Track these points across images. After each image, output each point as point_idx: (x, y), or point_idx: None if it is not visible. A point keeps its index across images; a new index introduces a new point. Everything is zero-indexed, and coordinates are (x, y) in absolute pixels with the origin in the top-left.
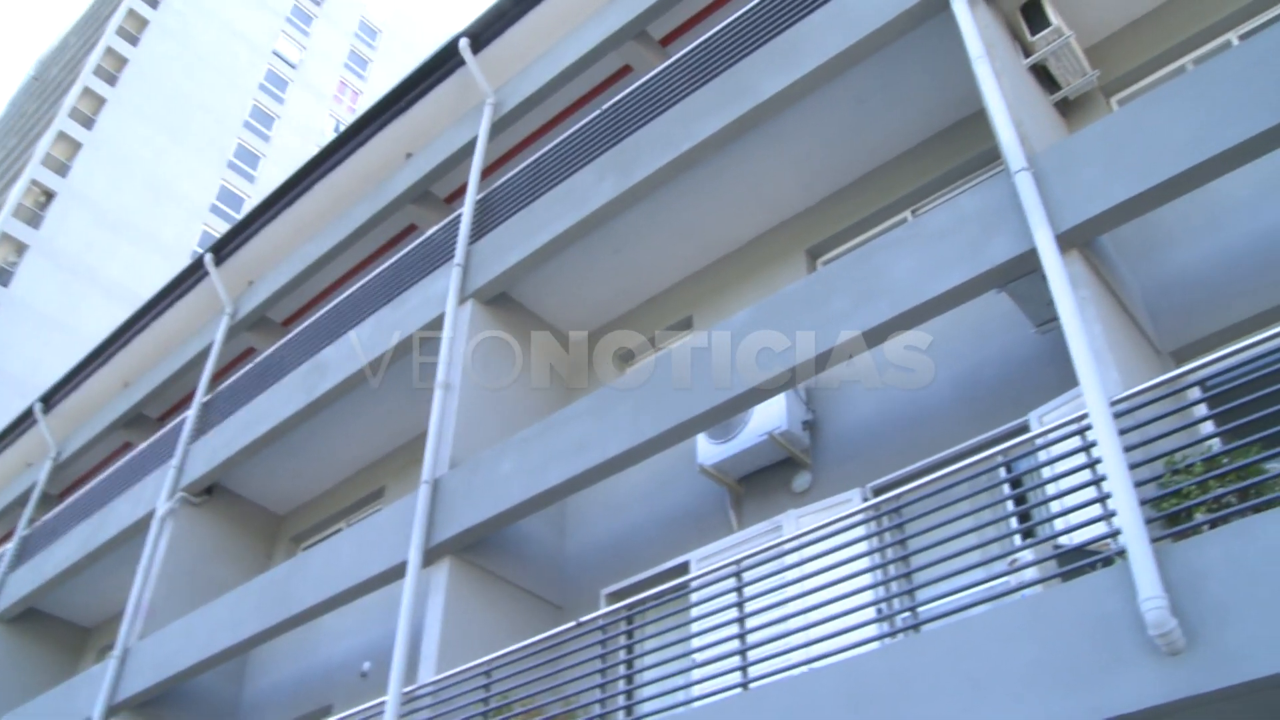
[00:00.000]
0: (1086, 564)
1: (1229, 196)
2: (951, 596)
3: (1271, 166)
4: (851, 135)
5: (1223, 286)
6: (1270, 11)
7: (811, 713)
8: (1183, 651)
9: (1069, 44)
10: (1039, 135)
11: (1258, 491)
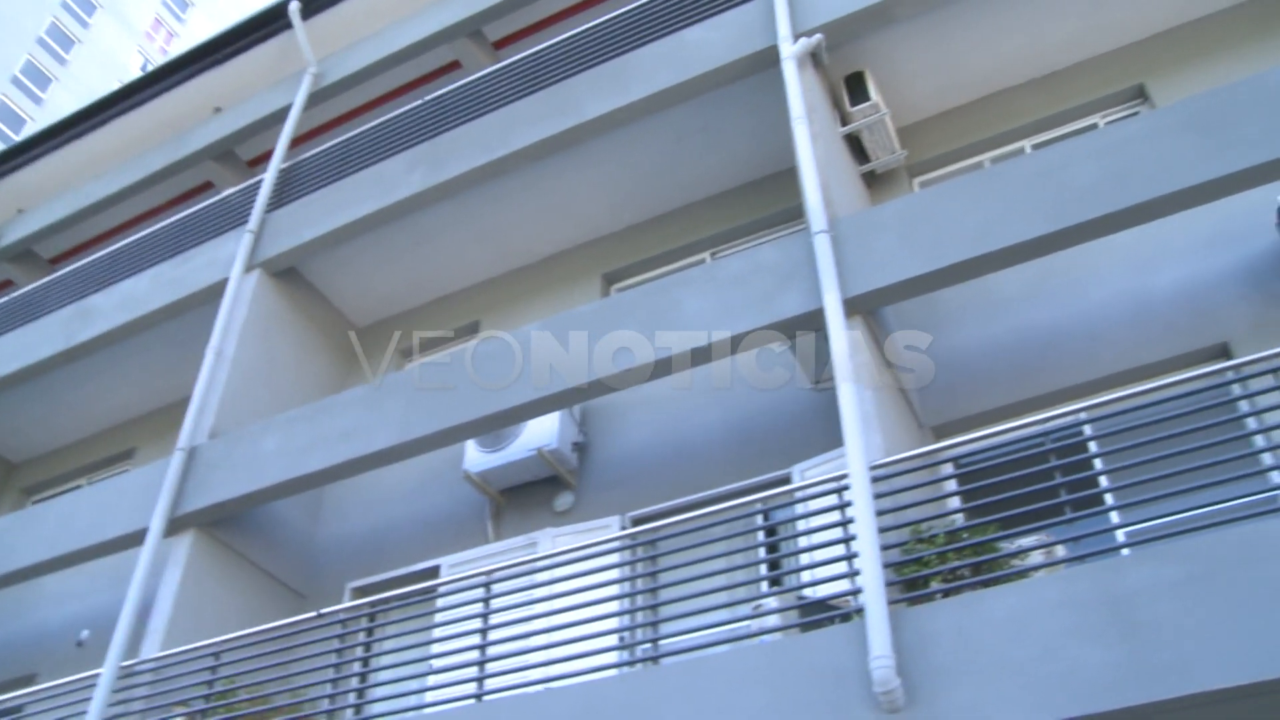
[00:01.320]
0: (826, 617)
1: (1001, 291)
2: (694, 633)
3: (1039, 269)
4: (665, 170)
5: (985, 373)
6: (1062, 128)
7: None
8: (900, 711)
9: (884, 121)
10: (843, 202)
11: (989, 568)
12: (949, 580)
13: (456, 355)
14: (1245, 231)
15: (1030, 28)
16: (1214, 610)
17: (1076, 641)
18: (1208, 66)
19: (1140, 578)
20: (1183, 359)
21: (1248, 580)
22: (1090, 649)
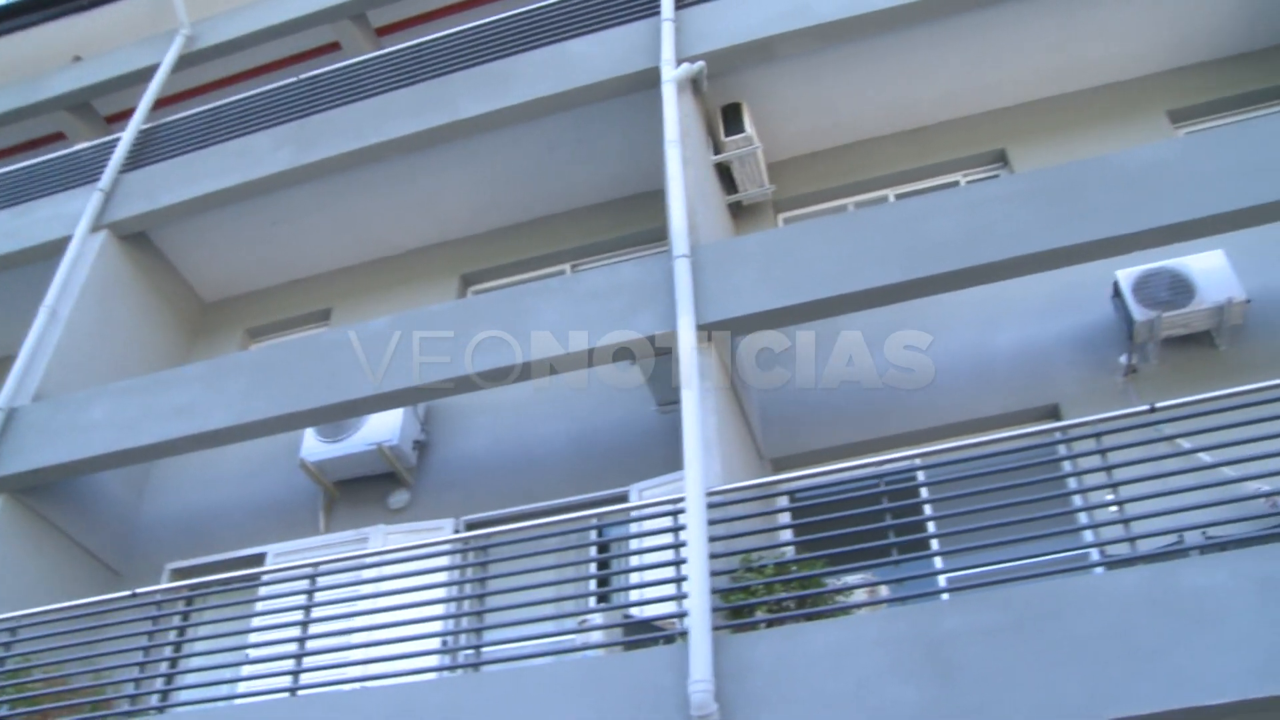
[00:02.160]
0: (650, 638)
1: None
2: (518, 643)
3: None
4: (535, 177)
5: (828, 412)
6: (925, 181)
7: None
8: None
9: (756, 154)
10: (707, 229)
11: (814, 602)
12: (774, 611)
13: (305, 341)
14: (1083, 301)
15: (903, 83)
16: (1022, 658)
17: (891, 679)
18: (1065, 141)
19: (957, 622)
20: (1015, 416)
21: (1055, 632)
22: (903, 687)
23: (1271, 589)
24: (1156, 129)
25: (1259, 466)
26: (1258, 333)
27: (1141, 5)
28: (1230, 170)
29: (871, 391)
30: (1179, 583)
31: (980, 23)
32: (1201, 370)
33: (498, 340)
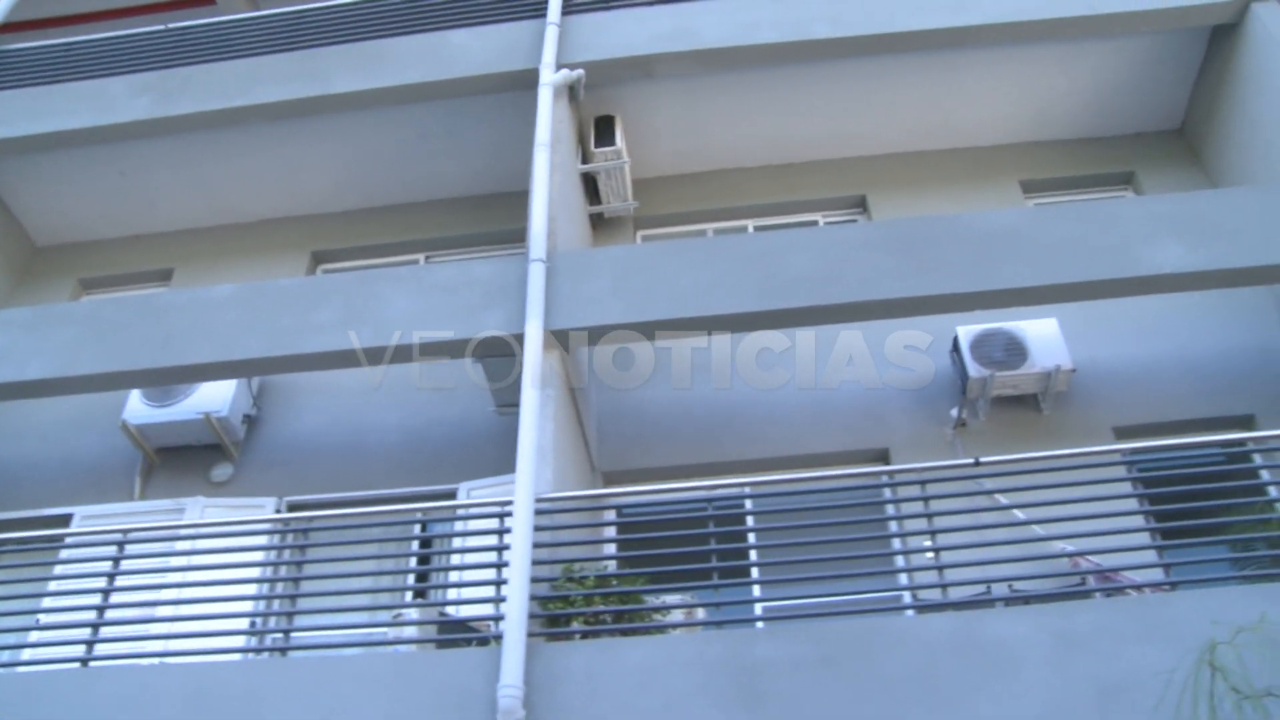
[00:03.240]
0: (464, 638)
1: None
2: (329, 631)
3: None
4: (399, 163)
5: (666, 432)
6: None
7: (144, 706)
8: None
9: (623, 169)
10: (566, 236)
11: (631, 618)
12: (591, 623)
13: (142, 299)
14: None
15: (776, 118)
16: (830, 692)
17: (699, 702)
18: (923, 195)
19: (769, 651)
20: (846, 456)
21: (863, 669)
22: (711, 710)
23: (1066, 643)
24: (1009, 196)
25: (1066, 528)
26: (1078, 401)
27: (1006, 78)
28: (1071, 245)
29: (707, 416)
30: (984, 631)
31: (856, 71)
32: (1024, 431)
33: (342, 322)
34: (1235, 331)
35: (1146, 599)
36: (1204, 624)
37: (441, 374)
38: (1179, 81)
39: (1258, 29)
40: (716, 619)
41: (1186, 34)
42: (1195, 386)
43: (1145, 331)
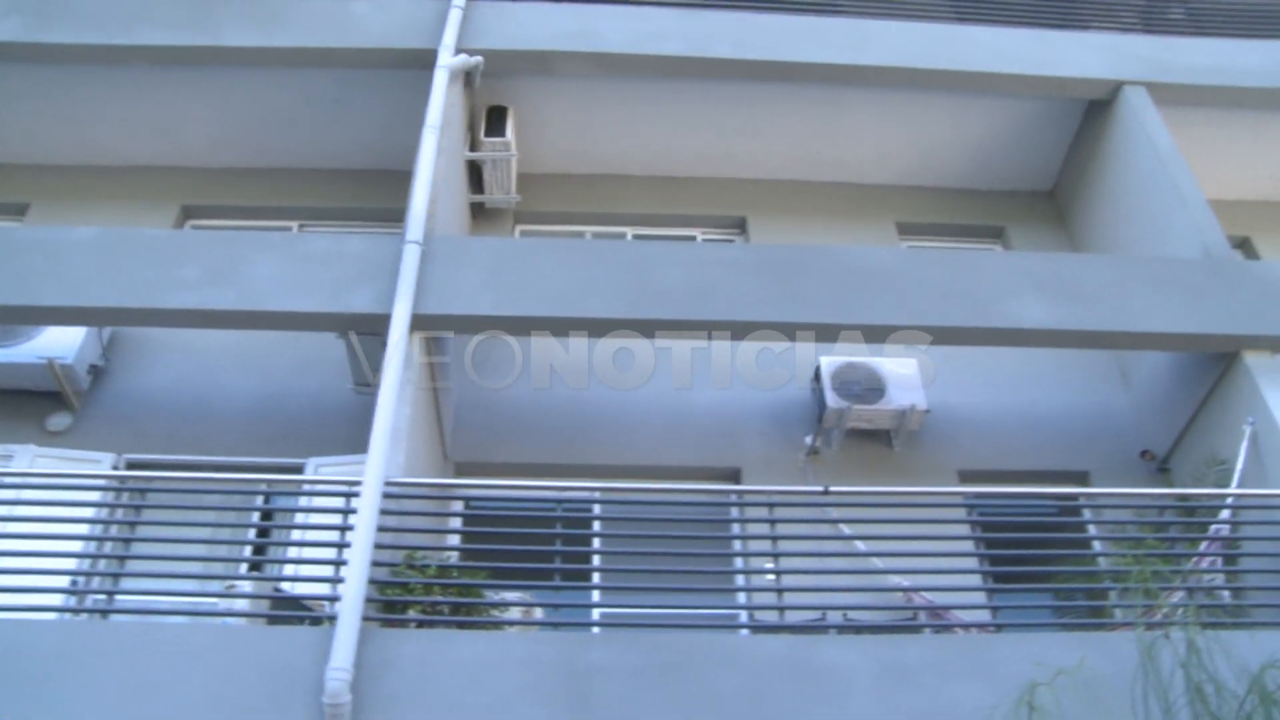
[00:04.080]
0: (297, 616)
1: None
2: (157, 596)
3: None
4: (283, 126)
5: (524, 429)
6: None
7: None
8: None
9: (510, 161)
10: (444, 221)
11: (469, 611)
12: (428, 612)
13: None
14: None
15: (667, 131)
16: (659, 703)
17: (528, 701)
18: (803, 224)
19: (603, 657)
20: (699, 471)
21: (695, 684)
22: (539, 710)
23: (893, 674)
24: (885, 235)
25: (904, 563)
26: (928, 442)
27: (895, 121)
28: (939, 290)
29: (566, 417)
30: (815, 657)
31: (751, 94)
32: (874, 465)
33: (206, 280)
34: (1080, 391)
35: (973, 638)
36: (1026, 665)
37: (300, 345)
38: (1055, 147)
39: (1127, 110)
40: (554, 620)
41: (1065, 104)
42: (1038, 439)
43: (998, 382)
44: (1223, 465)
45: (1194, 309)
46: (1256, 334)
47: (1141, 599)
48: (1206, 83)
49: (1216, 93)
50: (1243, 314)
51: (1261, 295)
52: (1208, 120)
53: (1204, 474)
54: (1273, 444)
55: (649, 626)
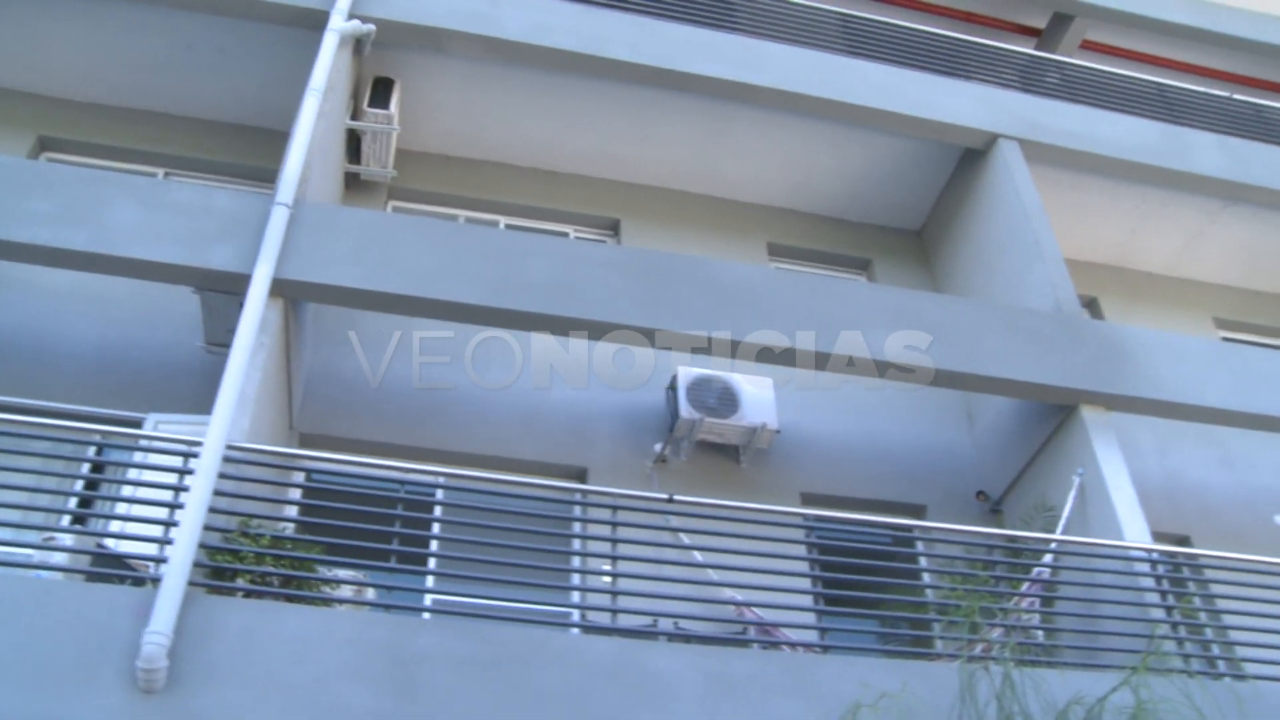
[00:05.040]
0: (118, 574)
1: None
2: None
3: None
4: (159, 68)
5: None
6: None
7: None
8: (155, 693)
9: (391, 135)
10: (316, 187)
11: (299, 585)
12: (257, 583)
13: None
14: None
15: (552, 125)
16: (485, 694)
17: (350, 682)
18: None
19: (432, 643)
20: (547, 467)
21: (522, 678)
22: (360, 692)
23: (718, 684)
24: (755, 254)
25: (739, 577)
26: (775, 461)
27: (777, 143)
28: (803, 312)
29: (418, 399)
30: (644, 662)
31: (639, 99)
32: (720, 479)
33: (60, 216)
34: (927, 427)
35: (800, 656)
36: (850, 687)
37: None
38: (927, 188)
39: (999, 161)
40: (386, 602)
41: (942, 148)
42: (881, 470)
43: (849, 410)
44: (1051, 512)
45: (1041, 360)
46: (1095, 390)
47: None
48: (1073, 146)
49: (1080, 157)
50: (1084, 370)
51: (1103, 354)
52: (1070, 182)
53: (1033, 518)
54: (1098, 496)
55: (481, 617)
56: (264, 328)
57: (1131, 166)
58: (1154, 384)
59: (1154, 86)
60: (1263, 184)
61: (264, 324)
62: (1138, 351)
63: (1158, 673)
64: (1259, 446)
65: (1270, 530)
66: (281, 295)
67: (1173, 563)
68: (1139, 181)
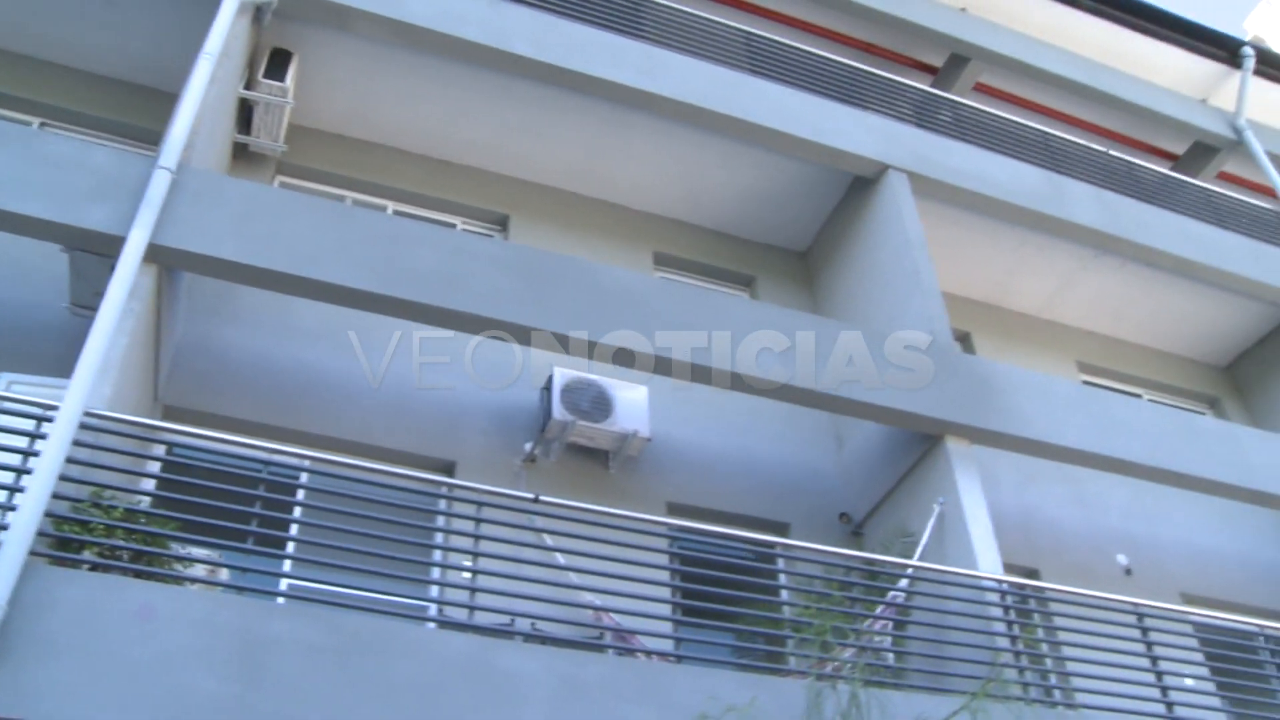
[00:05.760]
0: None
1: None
2: None
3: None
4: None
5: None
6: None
7: None
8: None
9: (284, 109)
10: (203, 154)
11: (149, 561)
12: (105, 556)
13: None
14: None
15: (448, 115)
16: (334, 683)
17: (195, 664)
18: (564, 234)
19: (284, 629)
20: (415, 458)
21: (373, 669)
22: (205, 676)
23: (570, 687)
24: (640, 262)
25: (600, 582)
26: (645, 469)
27: (670, 153)
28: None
29: (288, 379)
30: (497, 660)
31: (539, 97)
32: (588, 483)
33: None
34: (796, 446)
35: (653, 664)
36: (699, 698)
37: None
38: (816, 211)
39: (888, 192)
40: (239, 584)
41: (833, 174)
42: (748, 485)
43: (721, 423)
44: (909, 538)
45: (911, 389)
46: (961, 423)
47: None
48: (959, 184)
49: (966, 195)
50: (952, 402)
51: (971, 388)
52: (954, 219)
53: (892, 543)
54: (956, 526)
55: (336, 605)
56: (135, 294)
57: (1013, 209)
58: (1018, 421)
59: (1039, 134)
60: (1131, 238)
61: (135, 290)
62: (1005, 388)
63: (997, 699)
64: (1110, 488)
65: (1114, 569)
66: (156, 261)
67: (1021, 594)
68: (1019, 224)
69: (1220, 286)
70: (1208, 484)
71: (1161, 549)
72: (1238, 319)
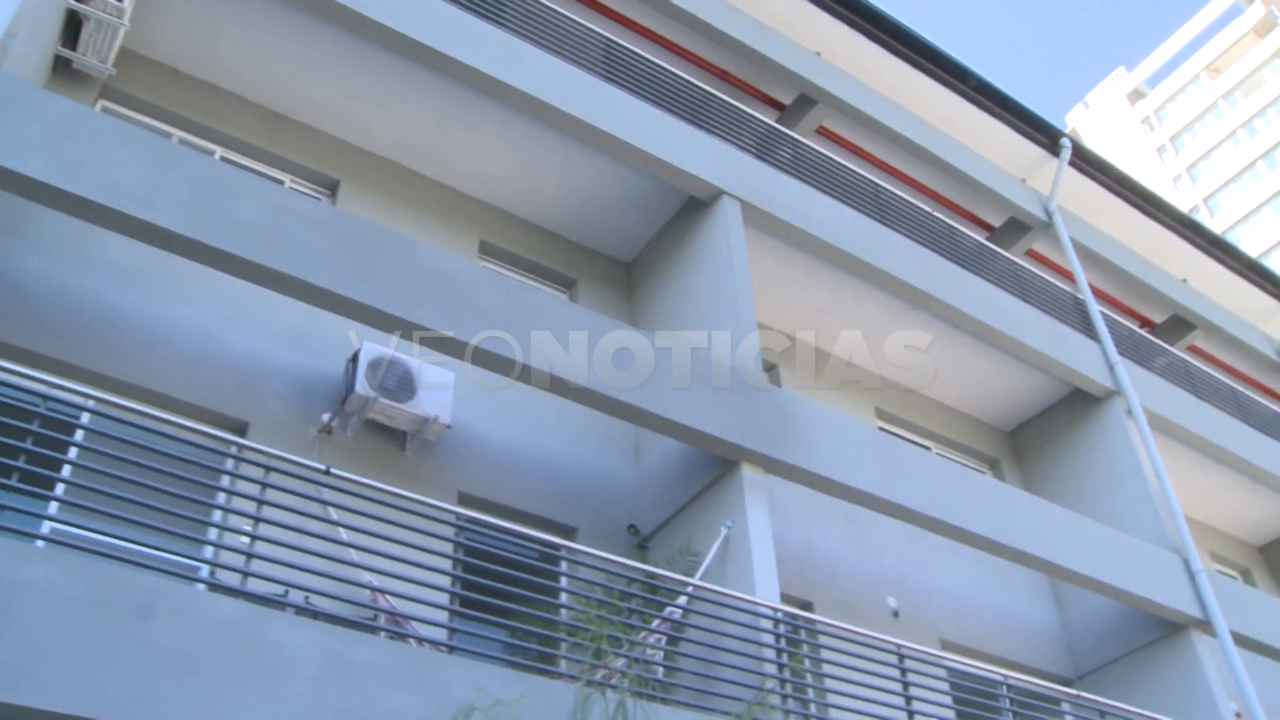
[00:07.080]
0: None
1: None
2: None
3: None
4: None
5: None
6: (257, 163)
7: None
8: None
9: (117, 30)
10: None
11: None
12: None
13: None
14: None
15: (294, 68)
16: (87, 635)
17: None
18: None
19: (41, 575)
20: (208, 414)
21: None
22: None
23: (336, 666)
24: (466, 248)
25: (380, 563)
26: (441, 456)
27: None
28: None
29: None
30: (265, 631)
31: (391, 67)
32: (382, 461)
33: None
34: (594, 452)
35: (424, 652)
36: (468, 690)
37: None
38: (646, 225)
39: (720, 216)
40: None
41: (669, 190)
42: (541, 484)
43: (524, 420)
44: (694, 557)
45: (715, 412)
46: (759, 451)
47: (590, 656)
48: (789, 220)
49: (794, 231)
50: (754, 430)
51: (774, 419)
52: (779, 253)
53: (676, 560)
54: (740, 550)
55: (103, 555)
56: None
57: (836, 251)
58: (814, 457)
59: (871, 185)
60: (941, 297)
61: None
62: (806, 424)
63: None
64: (889, 533)
65: (883, 609)
66: None
67: (793, 624)
68: (839, 267)
69: (1015, 356)
70: (978, 539)
71: (928, 595)
72: (1025, 389)
